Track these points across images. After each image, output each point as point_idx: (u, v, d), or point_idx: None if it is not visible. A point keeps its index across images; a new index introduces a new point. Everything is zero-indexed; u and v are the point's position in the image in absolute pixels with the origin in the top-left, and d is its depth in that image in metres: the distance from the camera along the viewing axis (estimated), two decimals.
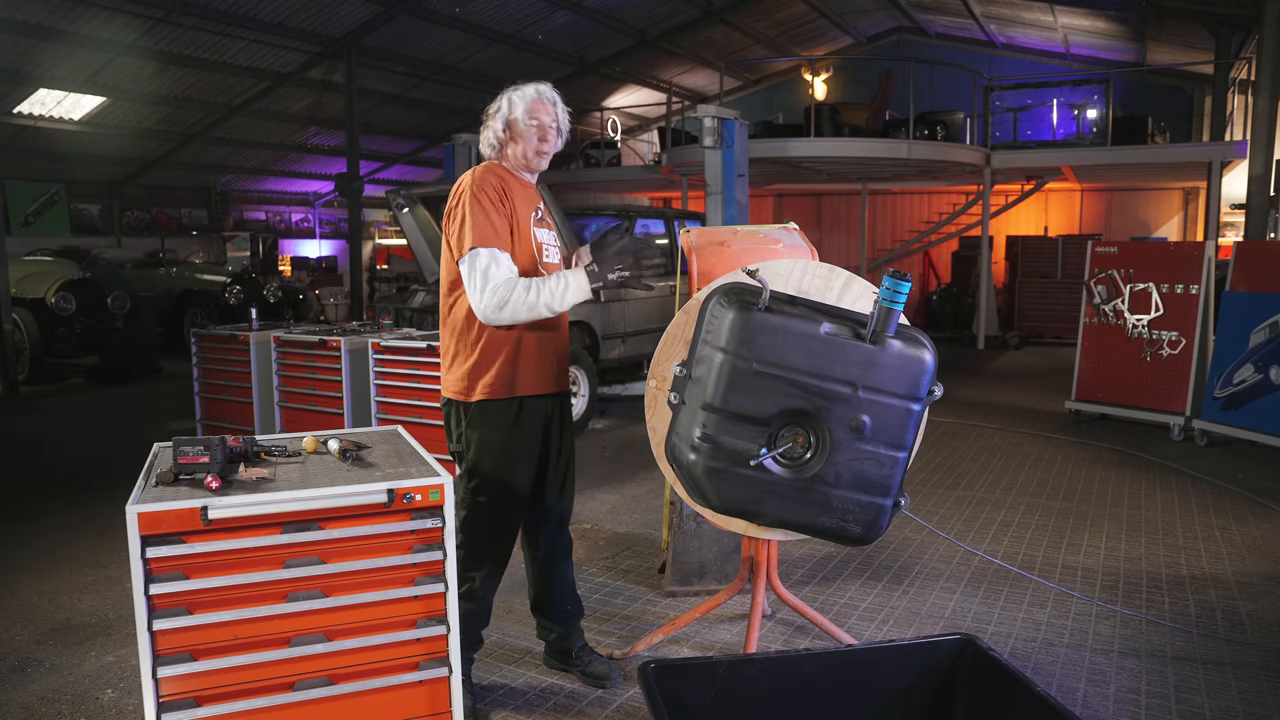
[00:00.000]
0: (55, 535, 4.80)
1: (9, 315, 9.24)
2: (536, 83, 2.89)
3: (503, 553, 2.96)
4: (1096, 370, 7.67)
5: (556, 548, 3.10)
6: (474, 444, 2.85)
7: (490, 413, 2.84)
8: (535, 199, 2.94)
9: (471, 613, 2.90)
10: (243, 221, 19.95)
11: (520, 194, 2.86)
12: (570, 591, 3.16)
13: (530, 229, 2.85)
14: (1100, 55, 17.27)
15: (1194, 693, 3.07)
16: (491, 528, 2.90)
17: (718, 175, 9.37)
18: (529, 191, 2.92)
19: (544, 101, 2.85)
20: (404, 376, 5.16)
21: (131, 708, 2.99)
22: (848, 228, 18.71)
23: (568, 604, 3.15)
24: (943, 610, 3.78)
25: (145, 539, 1.93)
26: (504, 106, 2.85)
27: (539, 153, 2.87)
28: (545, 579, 3.12)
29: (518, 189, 2.86)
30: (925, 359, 2.62)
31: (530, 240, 2.84)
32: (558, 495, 3.05)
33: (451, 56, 15.41)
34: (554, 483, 3.03)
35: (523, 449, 2.88)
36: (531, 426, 2.89)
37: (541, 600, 3.15)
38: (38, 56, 12.33)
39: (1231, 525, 4.94)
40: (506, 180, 2.83)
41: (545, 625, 3.19)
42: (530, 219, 2.86)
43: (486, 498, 2.86)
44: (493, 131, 2.87)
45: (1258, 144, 9.54)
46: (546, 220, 2.98)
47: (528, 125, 2.83)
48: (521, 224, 2.81)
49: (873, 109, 13.37)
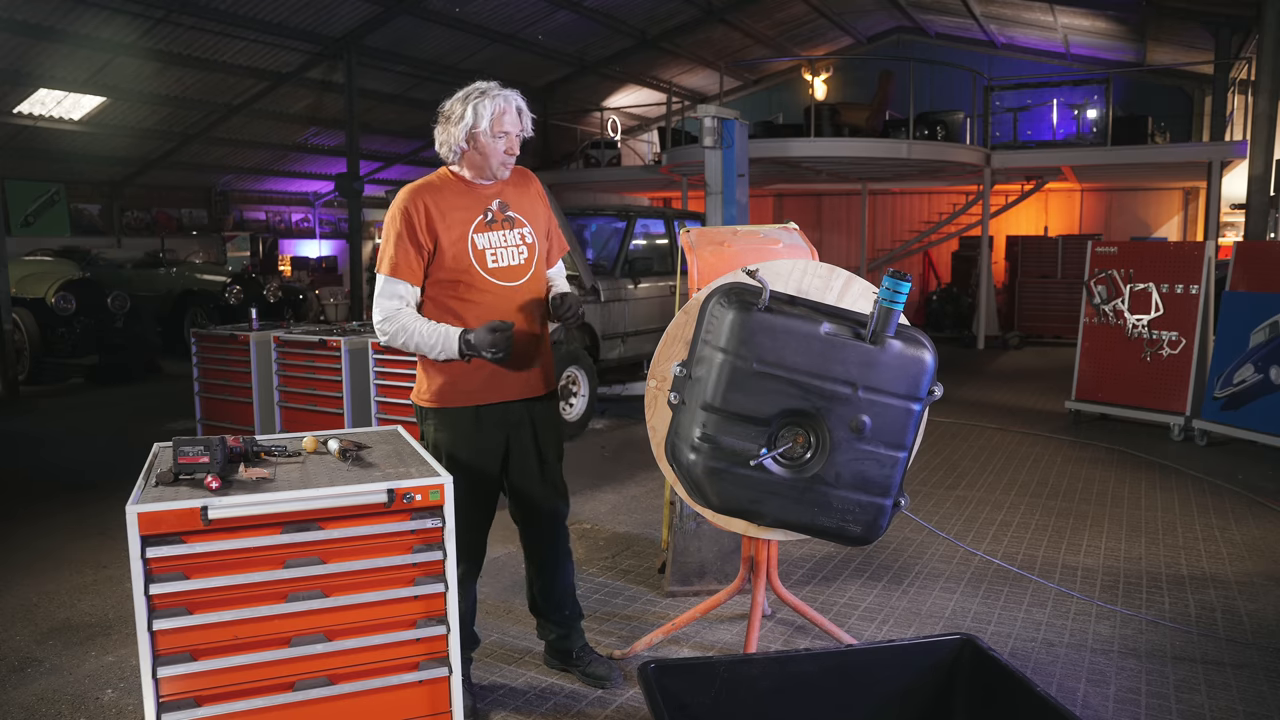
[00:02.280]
0: (55, 535, 4.80)
1: (9, 315, 9.24)
2: (499, 86, 2.77)
3: (475, 552, 2.96)
4: (1096, 370, 7.67)
5: (550, 551, 3.08)
6: (437, 448, 2.87)
7: (445, 418, 2.85)
8: (485, 200, 2.85)
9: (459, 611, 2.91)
10: (243, 221, 19.94)
11: (459, 202, 2.80)
12: (569, 596, 3.14)
13: (469, 237, 2.79)
14: (1100, 55, 17.28)
15: (1194, 693, 3.07)
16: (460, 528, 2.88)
17: (718, 175, 9.36)
18: (476, 195, 2.84)
19: (510, 110, 2.76)
20: (404, 377, 5.16)
21: (131, 708, 2.99)
22: (848, 228, 18.71)
23: (565, 609, 3.13)
24: (943, 610, 3.78)
25: (145, 539, 1.93)
26: (467, 116, 2.72)
27: (504, 165, 2.84)
28: (541, 581, 3.11)
29: (457, 198, 2.80)
30: (925, 359, 2.62)
31: (466, 250, 2.78)
32: (541, 498, 3.01)
33: (451, 56, 15.41)
34: (534, 486, 2.99)
35: (481, 456, 2.87)
36: (491, 434, 2.88)
37: (539, 603, 3.15)
38: (38, 56, 12.33)
39: (1231, 525, 4.94)
40: (441, 194, 2.79)
41: (545, 626, 3.19)
42: (472, 225, 2.80)
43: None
44: (453, 139, 2.78)
45: (1258, 144, 9.54)
46: (503, 219, 2.87)
47: (494, 138, 2.76)
48: (455, 237, 2.77)
49: (873, 109, 13.37)
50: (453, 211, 2.80)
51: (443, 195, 2.81)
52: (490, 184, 2.88)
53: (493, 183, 2.88)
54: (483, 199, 2.87)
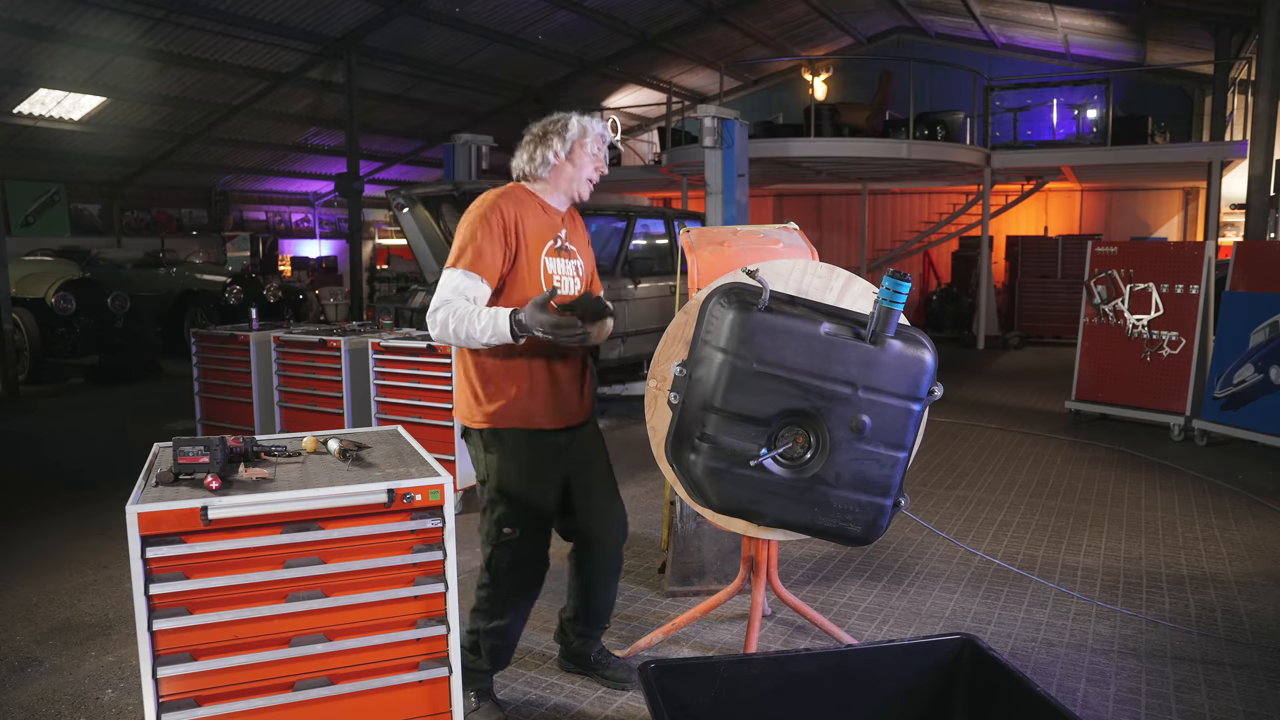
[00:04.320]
0: (55, 535, 4.80)
1: (9, 315, 9.24)
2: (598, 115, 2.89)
3: (530, 590, 2.88)
4: (1096, 370, 7.67)
5: (600, 569, 3.03)
6: (493, 472, 2.78)
7: (502, 440, 2.77)
8: (556, 227, 2.84)
9: (500, 646, 2.88)
10: (243, 221, 19.94)
11: (537, 222, 2.78)
12: (608, 611, 3.13)
13: (541, 260, 2.77)
14: (1100, 55, 17.27)
15: (1194, 693, 3.07)
16: (517, 564, 2.81)
17: (718, 175, 9.38)
18: (550, 219, 2.83)
19: (605, 137, 2.83)
20: (404, 376, 5.16)
21: (131, 708, 2.99)
22: (848, 228, 18.72)
23: (604, 622, 3.13)
24: (943, 610, 3.78)
25: (145, 539, 1.93)
26: (573, 128, 2.77)
27: (589, 182, 2.84)
28: (591, 595, 3.06)
29: (536, 218, 2.78)
30: (925, 359, 2.62)
31: (539, 271, 2.76)
32: (595, 518, 2.96)
33: (451, 56, 15.41)
34: (587, 506, 2.94)
35: (541, 478, 2.81)
36: (547, 458, 2.81)
37: (580, 614, 3.10)
38: (38, 56, 12.32)
39: (1231, 525, 4.94)
40: (525, 208, 2.76)
41: (569, 632, 3.16)
42: (544, 250, 2.78)
43: (511, 529, 2.76)
44: (550, 150, 2.77)
45: (1258, 144, 9.54)
46: (566, 249, 2.87)
47: (592, 154, 2.80)
48: (531, 255, 2.74)
49: (873, 109, 13.37)
50: (532, 229, 2.76)
51: (526, 209, 2.77)
52: (560, 211, 2.88)
53: (563, 210, 2.89)
54: (554, 225, 2.85)
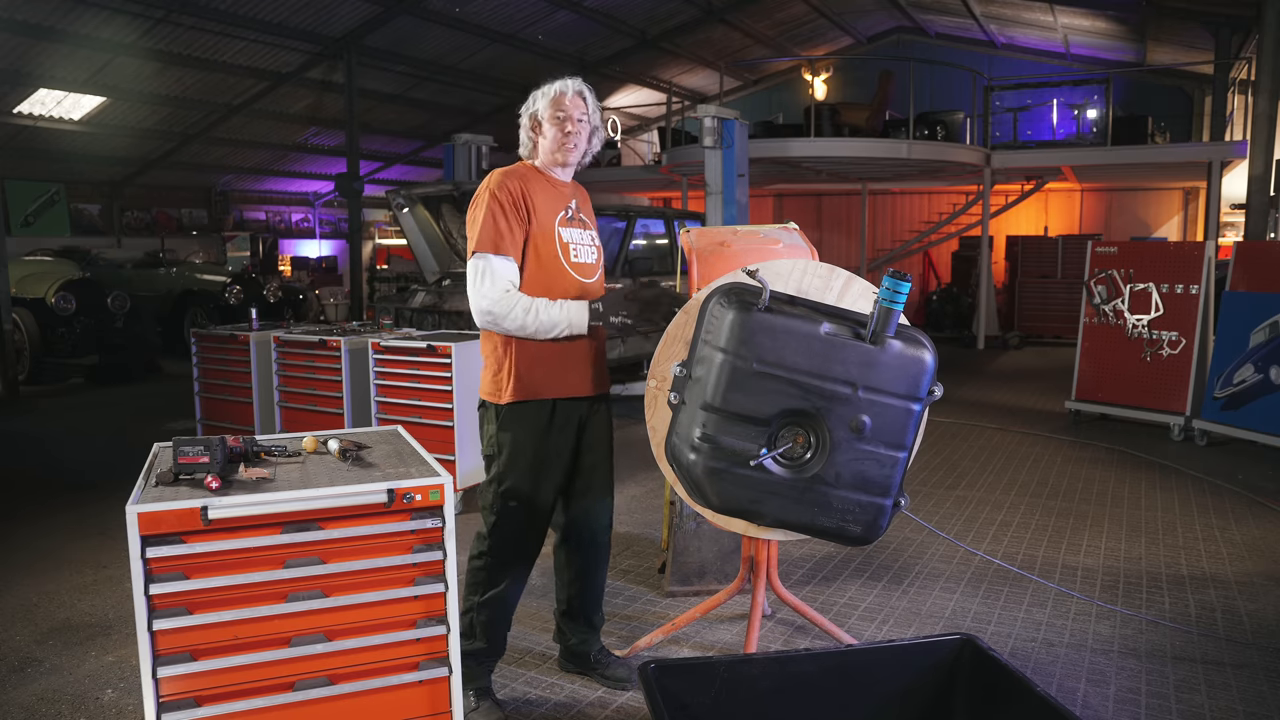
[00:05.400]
0: (55, 535, 4.80)
1: (9, 315, 9.24)
2: (567, 78, 2.91)
3: (530, 556, 2.94)
4: (1096, 370, 7.67)
5: (592, 555, 3.07)
6: (505, 447, 2.82)
7: (521, 415, 2.81)
8: (566, 198, 2.92)
9: (496, 620, 2.90)
10: (243, 221, 19.94)
11: (545, 194, 2.85)
12: (599, 602, 3.14)
13: (555, 229, 2.83)
14: (1100, 55, 17.27)
15: (1194, 693, 3.07)
16: (521, 532, 2.87)
17: (718, 175, 9.38)
18: (558, 190, 2.90)
19: (566, 94, 2.85)
20: (404, 376, 5.16)
21: (131, 708, 2.99)
22: (848, 228, 18.72)
23: (595, 615, 3.14)
24: (943, 610, 3.78)
25: (145, 539, 1.93)
26: (530, 102, 2.88)
27: (563, 146, 2.85)
28: (580, 585, 3.08)
29: (543, 189, 2.85)
30: (925, 359, 2.62)
31: (554, 241, 2.82)
32: (591, 500, 3.00)
33: (451, 56, 15.41)
34: (586, 487, 2.98)
35: (554, 453, 2.86)
36: (564, 430, 2.87)
37: (573, 608, 3.12)
38: (38, 56, 12.32)
39: (1231, 525, 4.94)
40: (530, 181, 2.82)
41: (566, 631, 3.16)
42: (556, 219, 2.85)
43: (517, 502, 2.82)
44: (523, 130, 2.90)
45: (1258, 144, 9.54)
46: (579, 219, 2.95)
47: (551, 118, 2.84)
48: (544, 225, 2.80)
49: (873, 109, 13.37)
50: (541, 201, 2.83)
51: (531, 183, 2.83)
52: (565, 183, 2.94)
53: (567, 182, 2.95)
54: (563, 195, 2.92)
